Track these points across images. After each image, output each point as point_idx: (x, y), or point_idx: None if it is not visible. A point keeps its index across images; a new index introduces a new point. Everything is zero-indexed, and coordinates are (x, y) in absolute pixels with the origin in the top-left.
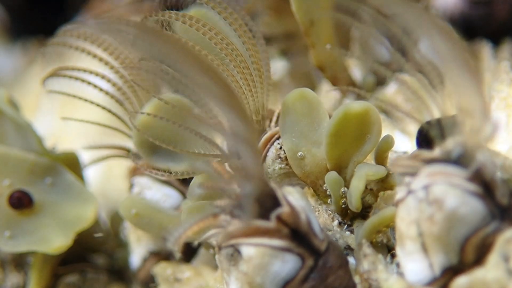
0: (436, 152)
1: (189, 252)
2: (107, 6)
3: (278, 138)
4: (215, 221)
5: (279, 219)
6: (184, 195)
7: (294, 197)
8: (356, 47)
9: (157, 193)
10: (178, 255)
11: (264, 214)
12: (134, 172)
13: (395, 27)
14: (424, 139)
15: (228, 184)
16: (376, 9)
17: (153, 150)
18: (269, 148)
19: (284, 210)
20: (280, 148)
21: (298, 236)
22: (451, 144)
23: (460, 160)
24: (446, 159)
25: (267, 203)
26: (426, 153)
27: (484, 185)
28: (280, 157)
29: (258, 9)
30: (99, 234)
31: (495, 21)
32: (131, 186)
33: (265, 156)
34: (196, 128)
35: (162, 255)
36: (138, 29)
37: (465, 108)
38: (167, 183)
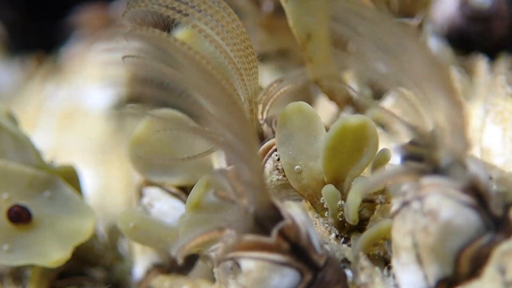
0: (426, 164)
1: (187, 265)
2: (103, 22)
3: (276, 150)
4: (221, 235)
5: (280, 232)
6: None
7: (294, 211)
8: (353, 61)
9: (165, 205)
10: (180, 261)
11: (264, 227)
12: (146, 183)
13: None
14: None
15: (239, 197)
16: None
17: (148, 165)
18: (266, 159)
19: (286, 223)
20: (278, 159)
21: (298, 250)
22: (439, 154)
23: (450, 170)
24: (437, 170)
25: (268, 216)
26: (416, 166)
27: (478, 196)
28: (278, 169)
29: (250, 26)
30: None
31: (492, 38)
32: (141, 196)
33: (263, 167)
34: (191, 143)
35: (165, 268)
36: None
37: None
38: (176, 196)
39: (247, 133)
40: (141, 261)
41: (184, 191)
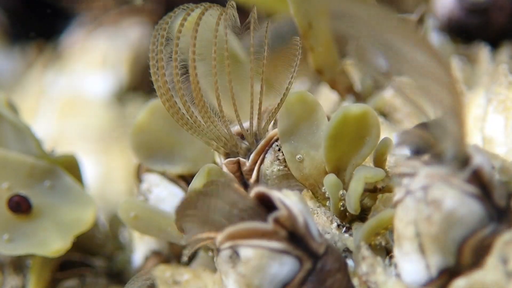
0: (430, 154)
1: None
2: (103, 9)
3: (276, 140)
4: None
5: (277, 221)
6: None
7: (291, 200)
8: (353, 58)
9: (163, 191)
10: (185, 259)
11: (262, 216)
12: (146, 168)
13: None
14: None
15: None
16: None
17: (149, 153)
18: (267, 150)
19: (281, 213)
20: (279, 150)
21: (296, 239)
22: (444, 145)
23: (455, 160)
24: (441, 160)
25: (265, 206)
26: (421, 157)
27: (482, 187)
28: (279, 159)
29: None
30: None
31: (492, 28)
32: (140, 181)
33: (264, 158)
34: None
35: (163, 255)
36: None
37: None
38: (174, 182)
39: None
40: (140, 248)
41: (183, 179)
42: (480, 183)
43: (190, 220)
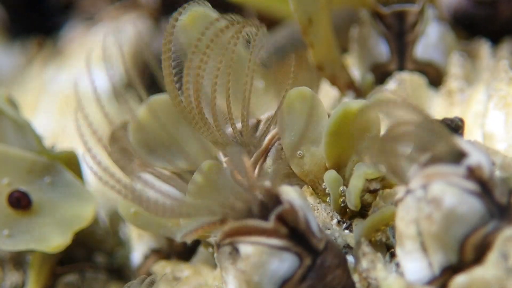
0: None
1: (188, 251)
2: (101, 5)
3: (279, 139)
4: (223, 226)
5: (278, 217)
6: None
7: (292, 196)
8: (354, 46)
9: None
10: (189, 242)
11: (263, 212)
12: (139, 163)
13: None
14: None
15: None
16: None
17: (149, 150)
18: (270, 148)
19: (284, 207)
20: (281, 149)
21: (296, 235)
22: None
23: (453, 158)
24: (440, 158)
25: (267, 201)
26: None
27: (482, 184)
28: (281, 158)
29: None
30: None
31: (498, 21)
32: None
33: (266, 156)
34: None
35: (163, 253)
36: None
37: None
38: (170, 180)
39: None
40: (138, 247)
41: (181, 176)
42: (480, 180)
43: None
